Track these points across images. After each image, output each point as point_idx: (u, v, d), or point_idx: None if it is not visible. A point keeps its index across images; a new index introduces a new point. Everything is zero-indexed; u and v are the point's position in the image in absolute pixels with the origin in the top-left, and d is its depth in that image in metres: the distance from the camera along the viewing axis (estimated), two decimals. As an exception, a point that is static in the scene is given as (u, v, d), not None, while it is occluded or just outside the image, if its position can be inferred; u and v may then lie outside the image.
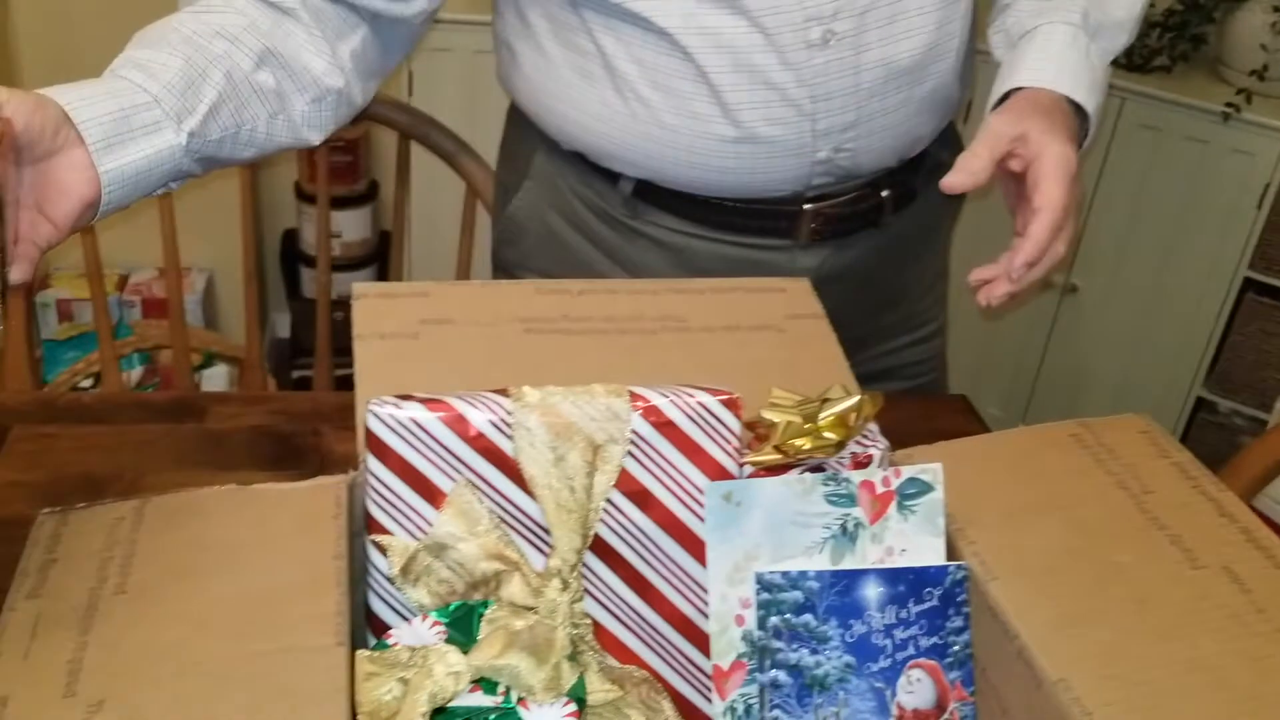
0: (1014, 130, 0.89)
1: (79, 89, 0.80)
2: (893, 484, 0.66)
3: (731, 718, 0.63)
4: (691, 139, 0.97)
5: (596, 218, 1.07)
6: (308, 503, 0.66)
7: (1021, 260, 0.86)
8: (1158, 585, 0.63)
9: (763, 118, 0.95)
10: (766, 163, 0.98)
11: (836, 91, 0.95)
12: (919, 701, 0.63)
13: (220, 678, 0.55)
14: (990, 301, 0.89)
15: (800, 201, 1.02)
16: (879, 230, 1.07)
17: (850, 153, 0.99)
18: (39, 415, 0.99)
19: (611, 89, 0.98)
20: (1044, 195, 0.87)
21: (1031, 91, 0.94)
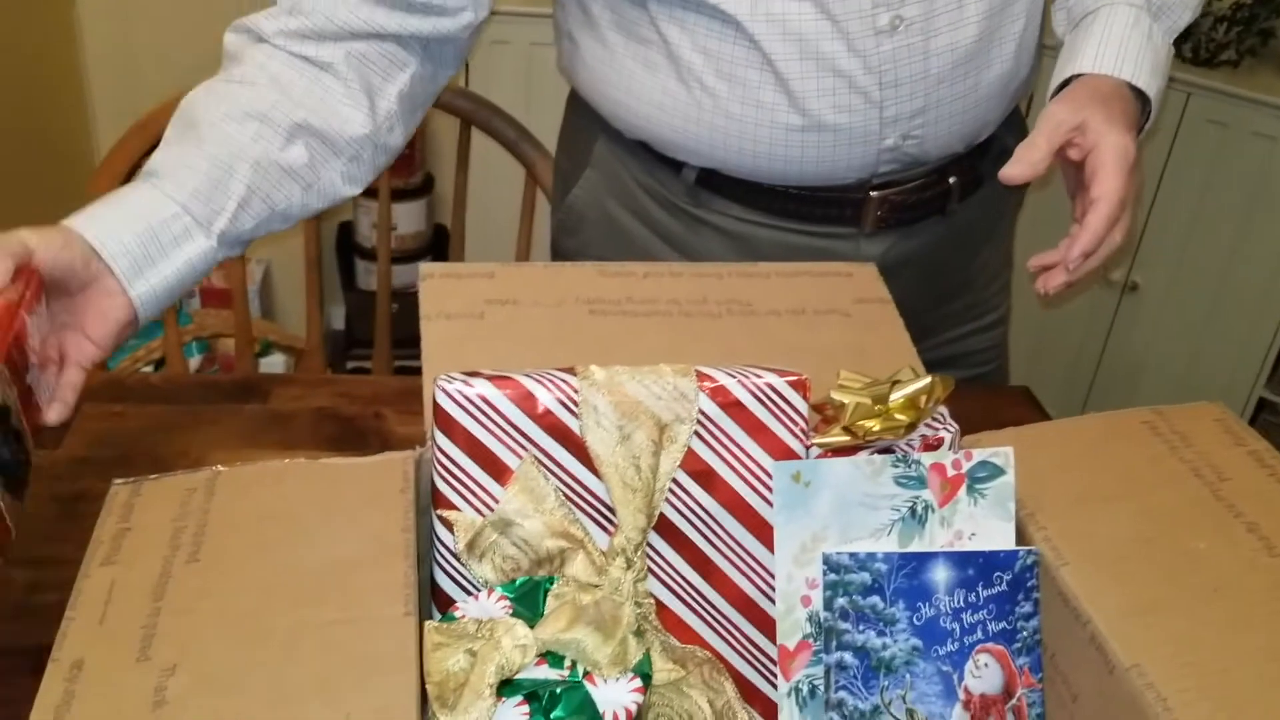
0: (1073, 119, 0.88)
1: (105, 218, 0.81)
2: (963, 467, 0.65)
3: (796, 698, 0.63)
4: (757, 128, 0.97)
5: (658, 206, 1.07)
6: (376, 477, 0.67)
7: (1078, 251, 0.86)
8: (1234, 573, 0.61)
9: (830, 105, 0.95)
10: (833, 151, 0.98)
11: (905, 78, 0.94)
12: (986, 686, 0.63)
13: (292, 646, 0.56)
14: (1047, 290, 0.89)
15: (866, 189, 1.01)
16: (945, 217, 1.06)
17: (918, 140, 0.98)
18: (107, 394, 1.01)
19: (675, 78, 0.98)
20: (1101, 186, 0.86)
21: (1092, 78, 0.93)
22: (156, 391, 1.01)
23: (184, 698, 0.53)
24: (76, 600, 0.59)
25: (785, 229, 1.04)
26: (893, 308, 0.84)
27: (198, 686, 0.54)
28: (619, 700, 0.57)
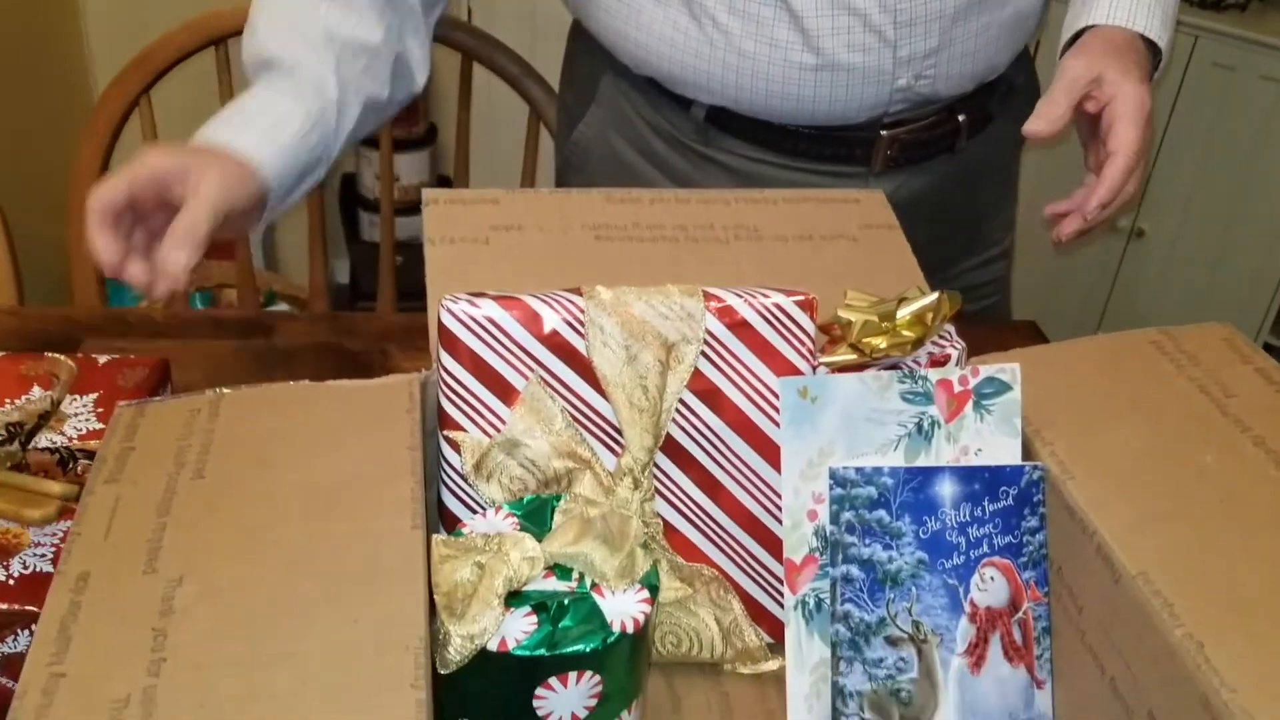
0: (1090, 73, 0.89)
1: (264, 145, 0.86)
2: (970, 383, 0.65)
3: (802, 612, 0.63)
4: (769, 66, 0.96)
5: (665, 144, 1.06)
6: (382, 398, 0.67)
7: (1096, 202, 0.89)
8: (1241, 485, 0.61)
9: (844, 45, 0.94)
10: (845, 91, 0.97)
11: (920, 17, 0.94)
12: (992, 599, 0.63)
13: (298, 557, 0.56)
14: (1061, 237, 0.92)
15: (877, 128, 1.01)
16: (953, 155, 1.06)
17: (930, 80, 0.98)
18: (111, 330, 1.01)
19: (687, 15, 0.97)
20: (1118, 139, 0.88)
21: (1105, 30, 0.93)
22: (160, 327, 1.01)
23: (191, 607, 0.53)
24: (82, 516, 0.58)
25: (794, 168, 1.03)
26: (900, 234, 0.83)
27: (205, 596, 0.54)
28: (627, 611, 0.57)
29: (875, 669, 0.61)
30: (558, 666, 0.56)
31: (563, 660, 0.55)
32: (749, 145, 1.03)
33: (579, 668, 0.56)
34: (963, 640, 0.62)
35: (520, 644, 0.55)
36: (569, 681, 0.56)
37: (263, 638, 0.52)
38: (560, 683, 0.56)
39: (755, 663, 0.70)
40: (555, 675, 0.56)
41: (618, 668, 0.58)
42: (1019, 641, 0.63)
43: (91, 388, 0.79)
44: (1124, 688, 0.58)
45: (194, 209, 0.77)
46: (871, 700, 0.61)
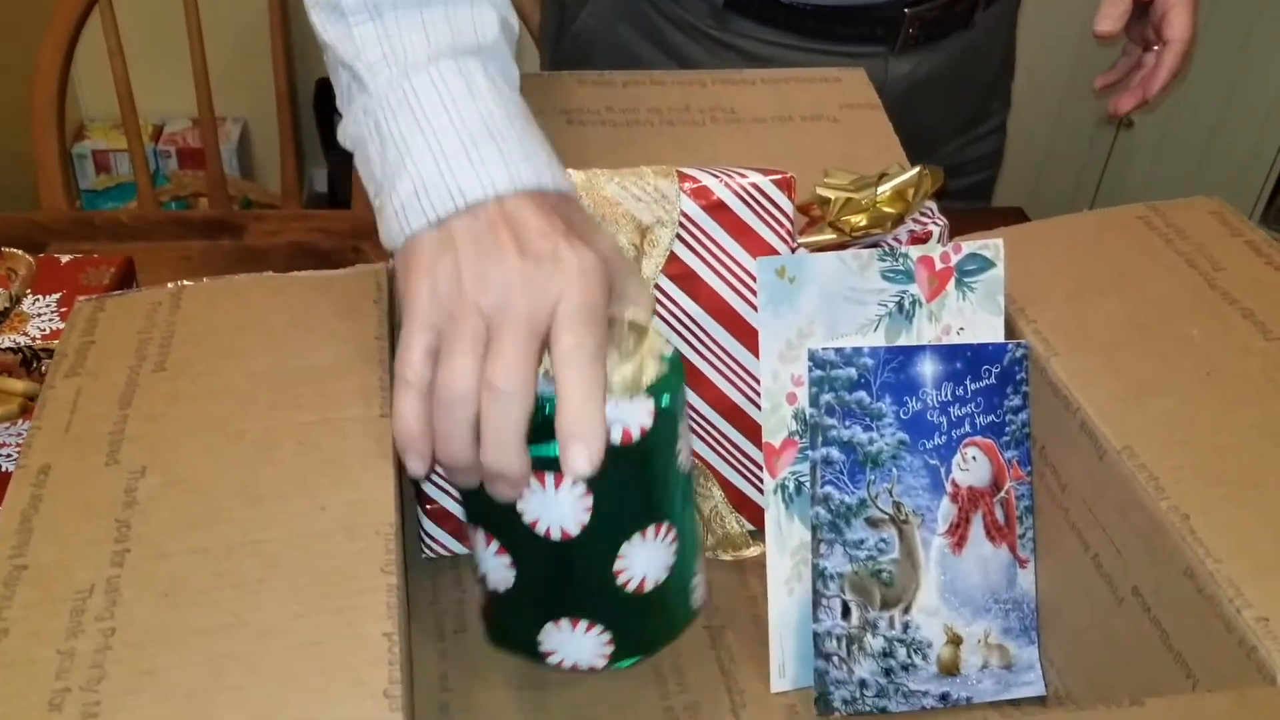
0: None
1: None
2: (952, 260, 0.63)
3: (782, 495, 0.62)
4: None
5: (678, 29, 1.03)
6: (348, 288, 0.65)
7: (1158, 87, 0.98)
8: (1228, 357, 0.60)
9: None
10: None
11: None
12: (974, 479, 0.62)
13: (264, 445, 0.54)
14: (1119, 112, 1.01)
15: (901, 6, 0.99)
16: (968, 30, 1.04)
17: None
18: (77, 233, 0.99)
19: None
20: (1173, 26, 0.95)
21: None
22: (126, 229, 0.99)
23: (155, 497, 0.52)
24: (41, 411, 0.57)
25: (815, 50, 1.01)
26: (882, 113, 0.81)
27: (169, 487, 0.52)
28: (622, 419, 0.51)
29: (856, 550, 0.61)
30: (535, 464, 0.50)
31: (538, 461, 0.50)
32: (769, 29, 1.00)
33: (556, 469, 0.50)
34: (944, 520, 0.61)
35: None
36: (546, 482, 0.51)
37: (228, 526, 0.50)
38: (539, 482, 0.51)
39: (737, 550, 0.69)
40: (534, 473, 0.50)
41: (609, 482, 0.51)
42: (1001, 521, 0.62)
43: (54, 287, 0.77)
44: (1108, 564, 0.57)
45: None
46: (852, 581, 0.61)
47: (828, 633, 0.61)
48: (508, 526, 0.52)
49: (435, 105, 0.53)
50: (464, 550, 0.67)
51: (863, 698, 0.61)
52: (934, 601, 0.62)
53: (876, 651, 0.61)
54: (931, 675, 0.62)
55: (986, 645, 0.63)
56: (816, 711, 0.61)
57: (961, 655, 0.62)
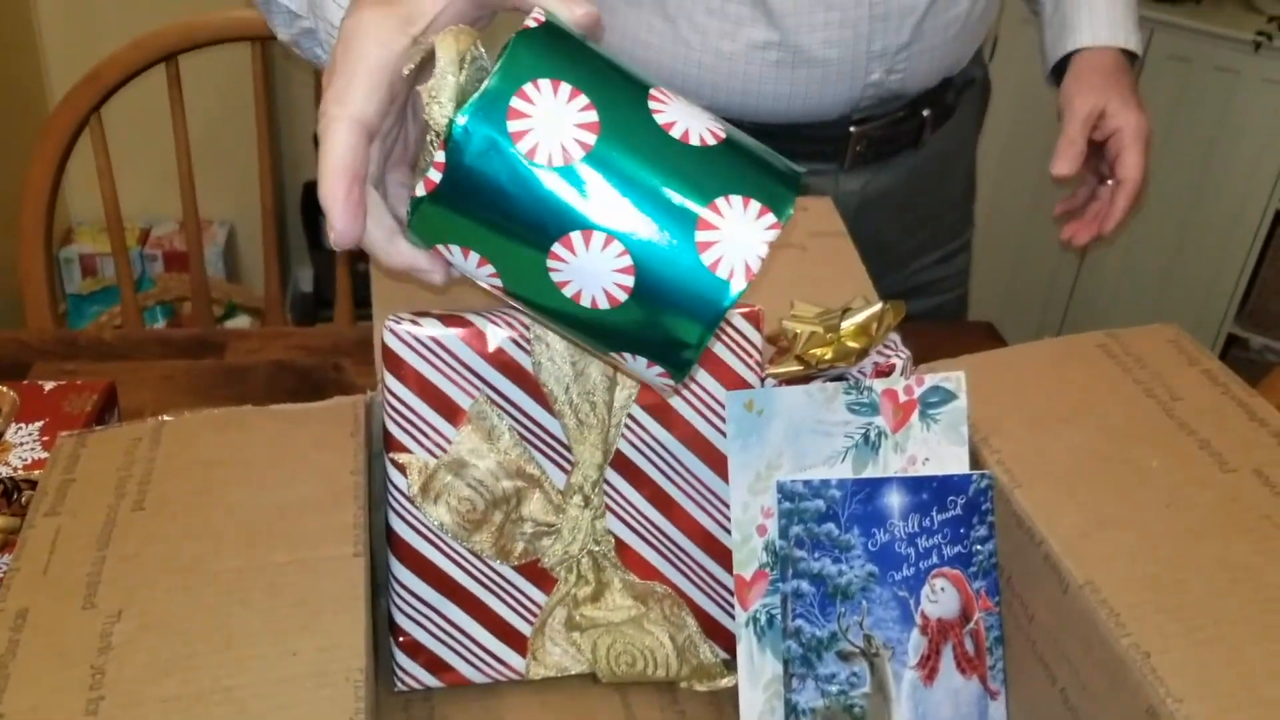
0: (1097, 109, 1.00)
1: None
2: (915, 392, 0.65)
3: (754, 628, 0.63)
4: (747, 65, 0.97)
5: None
6: (325, 421, 0.66)
7: (1111, 225, 1.02)
8: (1187, 489, 0.61)
9: (820, 40, 0.95)
10: (820, 87, 0.98)
11: (894, 11, 0.95)
12: (943, 611, 0.63)
13: (239, 589, 0.55)
14: (1076, 242, 1.04)
15: (847, 124, 1.02)
16: (918, 149, 1.07)
17: (901, 74, 0.99)
18: (61, 353, 1.00)
19: (660, 16, 0.96)
20: (1126, 167, 1.00)
21: (1093, 55, 1.03)
22: (110, 349, 1.00)
23: (130, 642, 0.52)
24: (21, 551, 0.58)
25: None
26: (848, 240, 0.83)
27: (144, 631, 0.53)
28: None
29: (828, 685, 0.61)
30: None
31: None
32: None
33: None
34: (915, 653, 0.62)
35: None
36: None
37: (201, 672, 0.51)
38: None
39: (711, 680, 0.70)
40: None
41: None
42: (971, 652, 0.63)
43: (37, 415, 0.78)
44: (1075, 698, 0.58)
45: None
46: (825, 716, 0.61)
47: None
48: None
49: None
50: (437, 684, 0.68)
51: None
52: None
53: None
54: None
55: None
56: None
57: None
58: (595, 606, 0.68)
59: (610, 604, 0.68)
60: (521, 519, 0.66)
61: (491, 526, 0.66)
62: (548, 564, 0.67)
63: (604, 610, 0.68)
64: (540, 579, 0.67)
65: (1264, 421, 0.65)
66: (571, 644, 0.68)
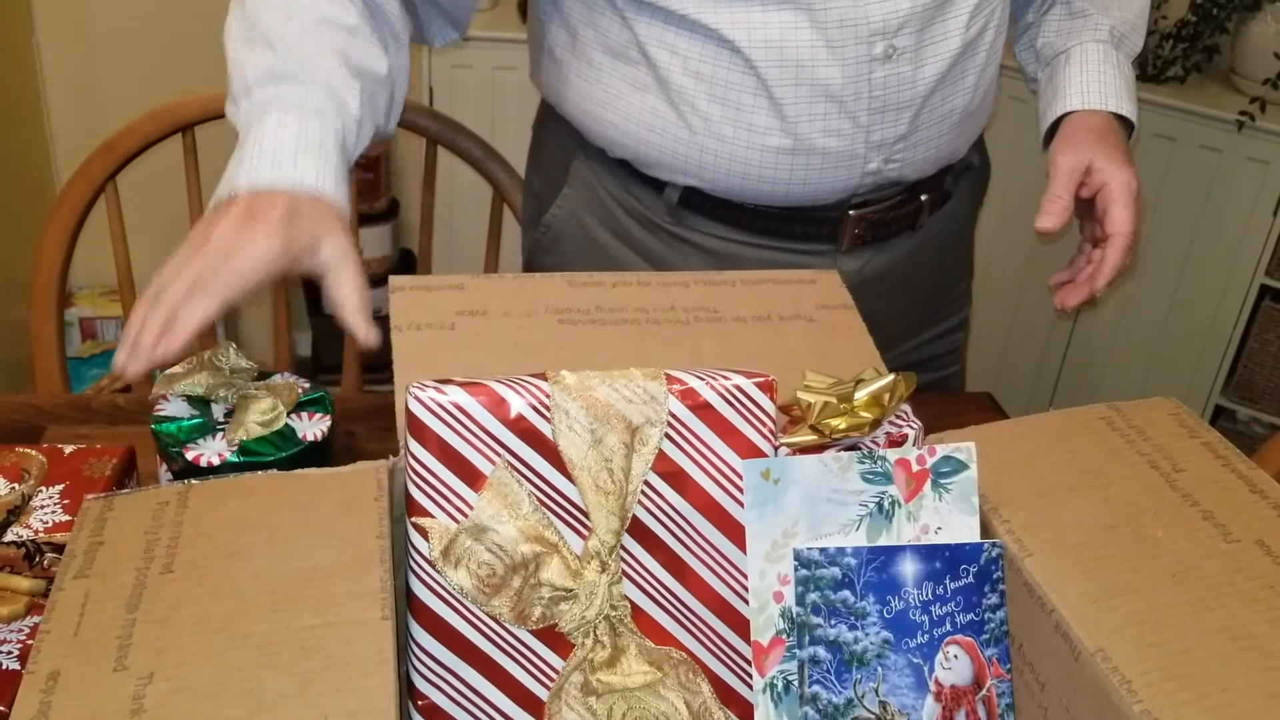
0: (1082, 164, 0.99)
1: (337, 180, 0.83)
2: (927, 462, 0.66)
3: (771, 695, 0.64)
4: (748, 150, 0.99)
5: (638, 224, 1.08)
6: (349, 486, 0.67)
7: (1103, 282, 1.00)
8: (1192, 559, 0.63)
9: (820, 130, 0.97)
10: (819, 174, 1.00)
11: (893, 104, 0.97)
12: (956, 678, 0.64)
13: (268, 650, 0.56)
14: (1067, 306, 1.02)
15: (845, 209, 1.04)
16: (915, 232, 1.09)
17: (899, 163, 1.01)
18: (74, 417, 1.01)
19: (665, 101, 0.99)
20: (1114, 222, 0.98)
21: (1082, 116, 1.02)
22: (122, 412, 1.01)
23: (161, 705, 0.53)
24: (50, 614, 0.58)
25: (765, 247, 1.06)
26: (855, 313, 0.85)
27: (175, 694, 0.54)
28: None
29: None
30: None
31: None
32: (721, 225, 1.05)
33: None
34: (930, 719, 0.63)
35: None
36: None
37: (234, 734, 0.52)
38: None
39: (725, 745, 0.70)
40: None
41: None
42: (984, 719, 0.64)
43: (57, 479, 0.79)
44: (1086, 762, 0.59)
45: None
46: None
47: None
48: None
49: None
50: (457, 747, 0.68)
51: None
52: None
53: None
54: None
55: None
56: None
57: None
58: (611, 672, 0.69)
59: (626, 669, 0.69)
60: (539, 584, 0.67)
61: (510, 591, 0.67)
62: (565, 629, 0.68)
63: (620, 675, 0.69)
64: (557, 644, 0.68)
65: (1264, 494, 0.67)
66: (588, 709, 0.69)
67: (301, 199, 0.79)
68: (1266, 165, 1.97)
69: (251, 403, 0.77)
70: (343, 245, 0.79)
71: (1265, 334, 2.08)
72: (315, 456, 0.77)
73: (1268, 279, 2.03)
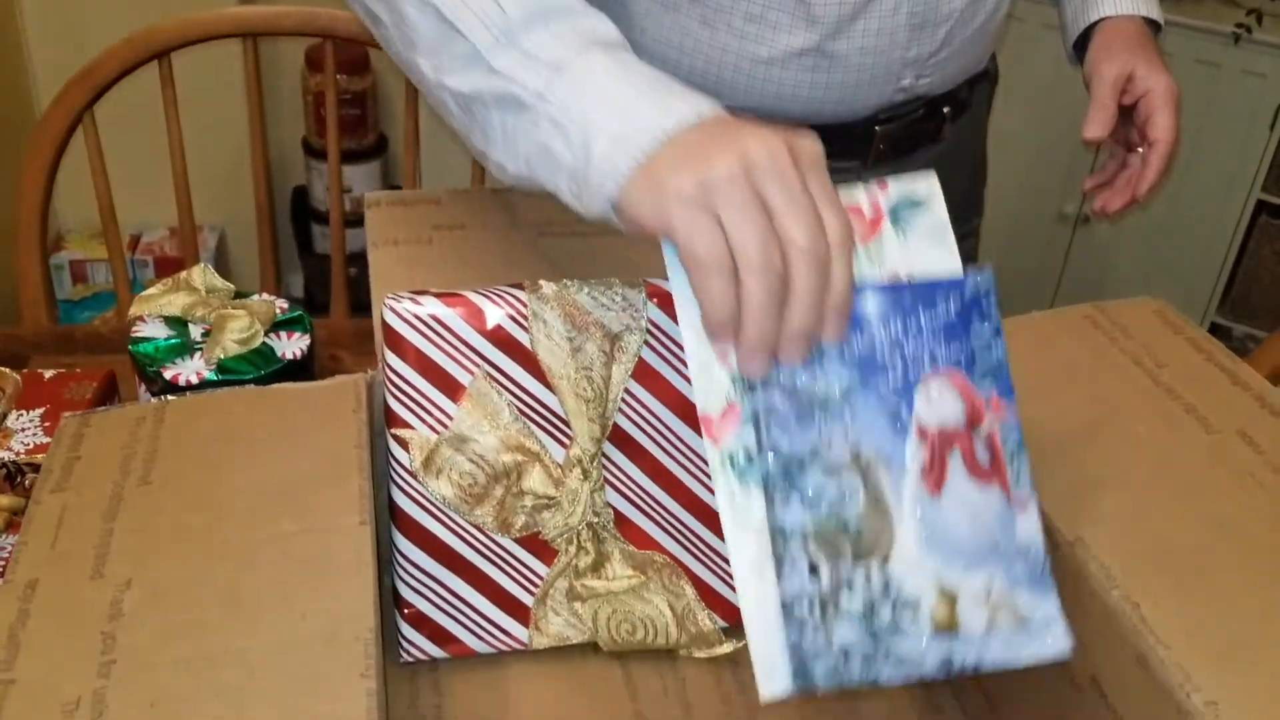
0: (1124, 72, 1.00)
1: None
2: (882, 200, 0.60)
3: (732, 467, 0.56)
4: (782, 71, 0.97)
5: None
6: (328, 399, 0.67)
7: (1146, 187, 1.01)
8: (1174, 452, 0.63)
9: (858, 48, 0.96)
10: (854, 92, 0.99)
11: (930, 20, 0.97)
12: (942, 417, 0.57)
13: (247, 556, 0.56)
14: (1108, 210, 1.04)
15: (872, 124, 1.04)
16: (936, 144, 1.09)
17: (930, 79, 1.02)
18: (58, 348, 1.01)
19: (698, 20, 0.97)
20: (1158, 128, 0.99)
21: (1116, 23, 1.04)
22: (106, 342, 1.01)
23: (140, 609, 0.53)
24: (27, 527, 0.58)
25: None
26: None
27: (153, 598, 0.54)
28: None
29: (815, 504, 0.55)
30: None
31: None
32: None
33: None
34: (913, 462, 0.56)
35: None
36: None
37: (211, 636, 0.52)
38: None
39: (710, 647, 0.71)
40: None
41: None
42: (985, 462, 0.57)
43: (38, 402, 0.78)
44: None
45: None
46: (816, 535, 0.55)
47: (796, 597, 0.54)
48: None
49: (597, 79, 0.62)
50: (442, 654, 0.69)
51: (846, 668, 0.54)
52: (914, 552, 0.56)
53: (856, 613, 0.55)
54: (927, 637, 0.55)
55: (990, 601, 0.56)
56: (794, 686, 0.54)
57: (960, 612, 0.55)
58: (595, 577, 0.69)
59: (610, 574, 0.69)
60: (522, 492, 0.67)
61: (493, 500, 0.67)
62: (548, 536, 0.68)
63: (604, 580, 0.69)
64: (541, 551, 0.69)
65: (1247, 385, 0.67)
66: (573, 614, 0.69)
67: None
68: (1264, 79, 1.95)
69: (228, 321, 0.76)
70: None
71: (1261, 250, 2.07)
72: (295, 375, 0.77)
73: (1264, 194, 2.02)
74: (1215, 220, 2.07)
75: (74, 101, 1.21)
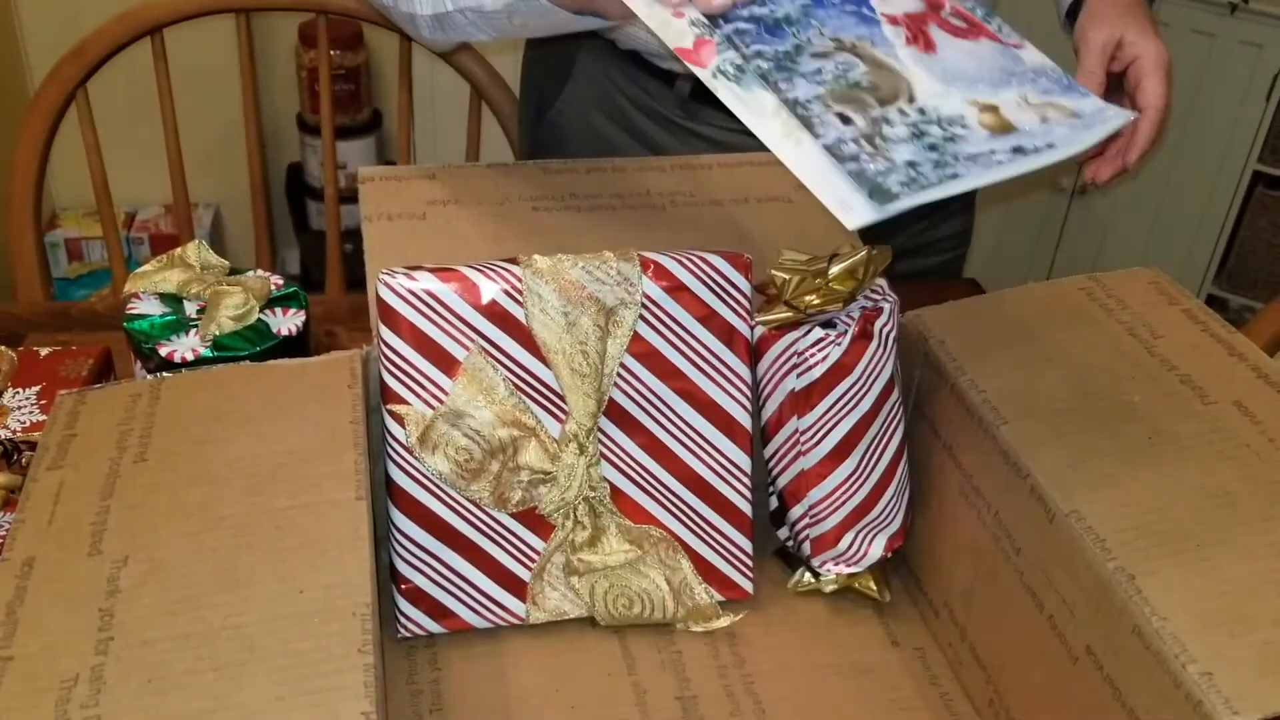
0: (1113, 39, 0.98)
1: None
2: None
3: (727, 77, 0.55)
4: None
5: (648, 118, 1.07)
6: (323, 374, 0.67)
7: (1135, 155, 0.97)
8: (1169, 421, 0.63)
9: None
10: None
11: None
12: (902, 5, 0.57)
13: (243, 531, 0.56)
14: (1097, 179, 1.00)
15: None
16: None
17: None
18: (53, 324, 1.00)
19: None
20: (1147, 95, 0.96)
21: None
22: (102, 319, 1.00)
23: (137, 586, 0.53)
24: (25, 504, 0.58)
25: None
26: (834, 193, 0.84)
27: (150, 575, 0.54)
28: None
29: (819, 78, 0.54)
30: None
31: None
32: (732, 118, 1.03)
33: None
34: (897, 39, 0.55)
35: None
36: None
37: (209, 612, 0.52)
38: None
39: (706, 620, 0.71)
40: None
41: None
42: (964, 25, 0.57)
43: (34, 380, 0.78)
44: (1062, 624, 0.59)
45: None
46: (833, 95, 0.53)
47: (838, 141, 0.51)
48: None
49: None
50: (439, 629, 0.69)
51: (921, 175, 0.50)
52: (937, 87, 0.54)
53: (904, 137, 0.52)
54: (986, 136, 0.53)
55: (1032, 104, 0.54)
56: (874, 207, 0.50)
57: (1007, 115, 0.53)
58: (592, 551, 0.69)
59: (607, 548, 0.69)
60: (518, 467, 0.67)
61: (489, 475, 0.67)
62: (545, 511, 0.68)
63: (601, 555, 0.69)
64: (538, 526, 0.69)
65: (1243, 356, 0.67)
66: (570, 589, 0.70)
67: None
68: (1260, 49, 1.94)
69: (223, 298, 0.76)
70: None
71: (1258, 221, 2.07)
72: (290, 352, 0.76)
73: (1261, 165, 2.01)
74: (1211, 191, 2.06)
75: (67, 79, 1.21)
